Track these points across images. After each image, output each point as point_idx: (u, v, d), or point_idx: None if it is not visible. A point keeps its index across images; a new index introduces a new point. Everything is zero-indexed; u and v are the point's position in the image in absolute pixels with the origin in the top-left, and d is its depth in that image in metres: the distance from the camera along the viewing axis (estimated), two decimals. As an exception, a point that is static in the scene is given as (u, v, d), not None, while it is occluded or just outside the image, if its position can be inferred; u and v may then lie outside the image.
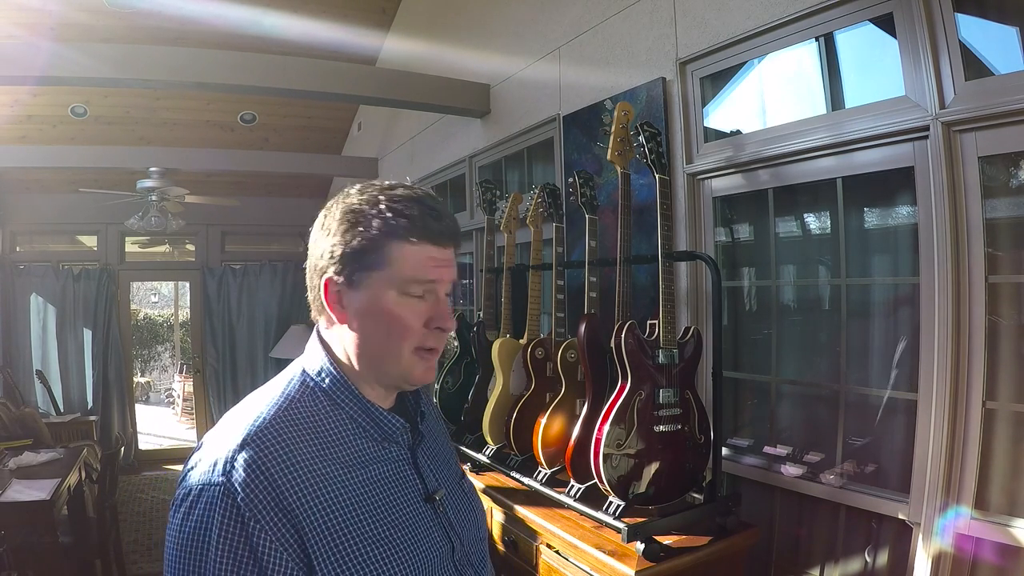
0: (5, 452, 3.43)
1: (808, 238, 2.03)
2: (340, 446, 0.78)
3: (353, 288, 0.79)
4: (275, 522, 0.69)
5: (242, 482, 0.69)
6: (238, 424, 0.75)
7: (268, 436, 0.73)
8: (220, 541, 0.68)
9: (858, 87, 1.75)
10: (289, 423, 0.76)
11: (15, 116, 4.61)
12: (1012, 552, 1.37)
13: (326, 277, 0.80)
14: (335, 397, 0.81)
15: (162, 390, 10.02)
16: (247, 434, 0.73)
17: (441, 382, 2.46)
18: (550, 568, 1.69)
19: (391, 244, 0.77)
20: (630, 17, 2.32)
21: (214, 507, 0.69)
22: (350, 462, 0.78)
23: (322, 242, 0.81)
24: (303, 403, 0.79)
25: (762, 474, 1.90)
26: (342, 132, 5.78)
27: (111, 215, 5.30)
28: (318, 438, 0.77)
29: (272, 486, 0.70)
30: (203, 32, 4.09)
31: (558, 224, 2.13)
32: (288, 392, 0.80)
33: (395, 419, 0.84)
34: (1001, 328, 1.44)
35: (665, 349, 1.62)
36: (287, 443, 0.74)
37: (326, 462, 0.75)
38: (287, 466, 0.72)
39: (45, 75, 2.62)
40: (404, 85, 3.31)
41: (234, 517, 0.68)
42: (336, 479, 0.75)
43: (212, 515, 0.69)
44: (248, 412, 0.77)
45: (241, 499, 0.69)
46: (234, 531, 0.68)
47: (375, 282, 0.78)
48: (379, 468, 0.81)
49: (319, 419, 0.78)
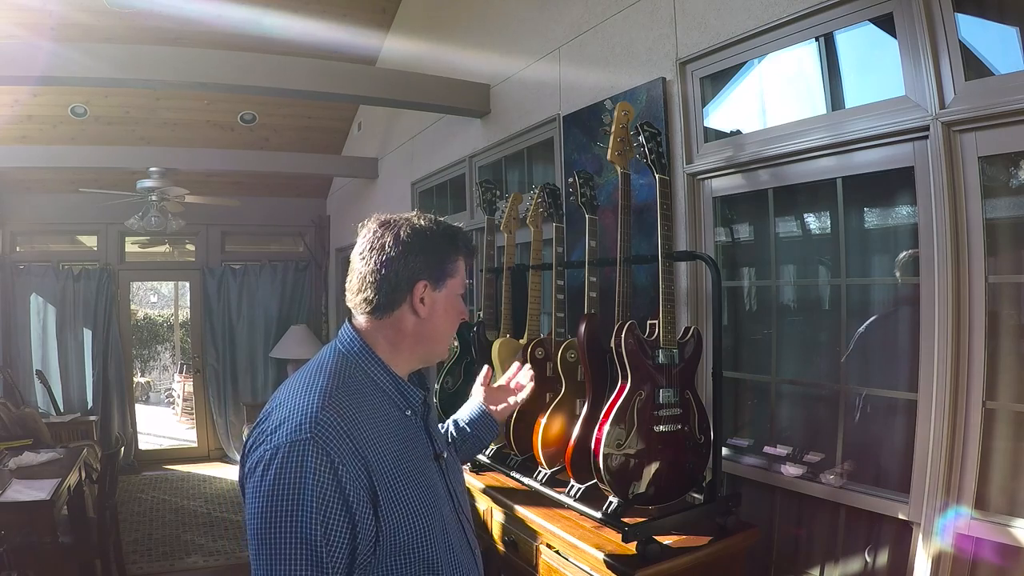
0: (5, 452, 3.43)
1: (808, 238, 2.03)
2: (380, 412, 0.99)
3: (436, 290, 1.06)
4: (355, 465, 0.89)
5: (329, 436, 0.88)
6: (306, 394, 0.93)
7: (338, 401, 0.93)
8: (315, 482, 0.84)
9: (858, 87, 1.75)
10: (348, 391, 0.96)
11: (15, 116, 4.61)
12: (1012, 552, 1.37)
13: (420, 281, 1.04)
14: (371, 373, 1.02)
15: (162, 390, 10.02)
16: (321, 398, 0.92)
17: (441, 382, 2.46)
18: (550, 568, 1.69)
19: (459, 258, 1.08)
20: (630, 17, 2.32)
21: (307, 456, 0.85)
22: (388, 424, 0.99)
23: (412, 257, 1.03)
24: (352, 377, 1.00)
25: (762, 474, 1.90)
26: (342, 132, 5.78)
27: (111, 215, 5.30)
28: (366, 403, 0.98)
29: (350, 438, 0.90)
30: (203, 32, 4.09)
31: (558, 224, 2.13)
32: (337, 368, 1.00)
33: (416, 390, 1.07)
34: (1001, 328, 1.44)
35: (665, 349, 1.62)
36: (352, 407, 0.94)
37: (376, 422, 0.97)
38: (356, 424, 0.92)
39: (45, 75, 2.62)
40: (404, 85, 3.31)
41: (326, 462, 0.86)
42: (384, 435, 0.96)
43: (306, 462, 0.85)
44: (309, 386, 0.95)
45: (330, 447, 0.87)
46: (326, 473, 0.85)
47: (451, 286, 1.08)
48: (404, 430, 1.02)
49: (363, 389, 1.00)
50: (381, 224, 1.05)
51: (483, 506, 2.04)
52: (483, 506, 2.04)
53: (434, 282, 1.05)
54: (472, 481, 2.09)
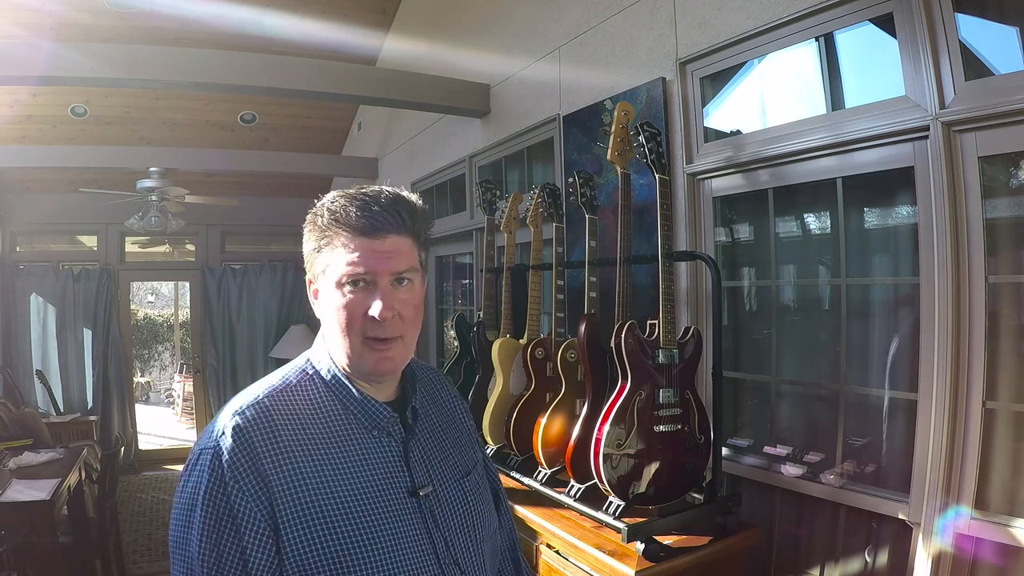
0: (5, 452, 3.43)
1: (808, 238, 2.03)
2: (327, 429, 0.84)
3: (318, 285, 0.87)
4: (251, 485, 0.76)
5: (228, 447, 0.77)
6: (236, 400, 0.84)
7: (255, 411, 0.81)
8: (206, 498, 0.76)
9: (858, 87, 1.75)
10: (279, 403, 0.83)
11: (15, 116, 4.61)
12: (1012, 552, 1.37)
13: (307, 277, 0.89)
14: (332, 386, 0.87)
15: (162, 390, 10.02)
16: (240, 407, 0.81)
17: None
18: (550, 568, 1.69)
19: (331, 244, 0.84)
20: (630, 17, 2.32)
21: (204, 469, 0.77)
22: (335, 444, 0.83)
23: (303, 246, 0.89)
24: (298, 388, 0.86)
25: (762, 474, 1.90)
26: (342, 132, 5.78)
27: (111, 215, 5.30)
28: (304, 418, 0.83)
29: (251, 453, 0.77)
30: (203, 32, 4.09)
31: (558, 224, 2.13)
32: (286, 377, 0.88)
33: (383, 408, 0.88)
34: (1001, 328, 1.44)
35: (665, 349, 1.62)
36: (271, 418, 0.81)
37: (308, 440, 0.81)
38: (267, 438, 0.79)
39: (45, 75, 2.62)
40: (404, 85, 3.31)
41: (218, 477, 0.76)
42: (315, 456, 0.81)
43: (203, 475, 0.77)
44: (248, 391, 0.86)
45: (226, 461, 0.76)
46: (217, 489, 0.76)
47: (328, 279, 0.84)
48: (367, 456, 0.85)
49: (311, 403, 0.85)
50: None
51: (483, 506, 2.04)
52: (483, 506, 2.04)
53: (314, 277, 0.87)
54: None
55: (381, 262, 0.83)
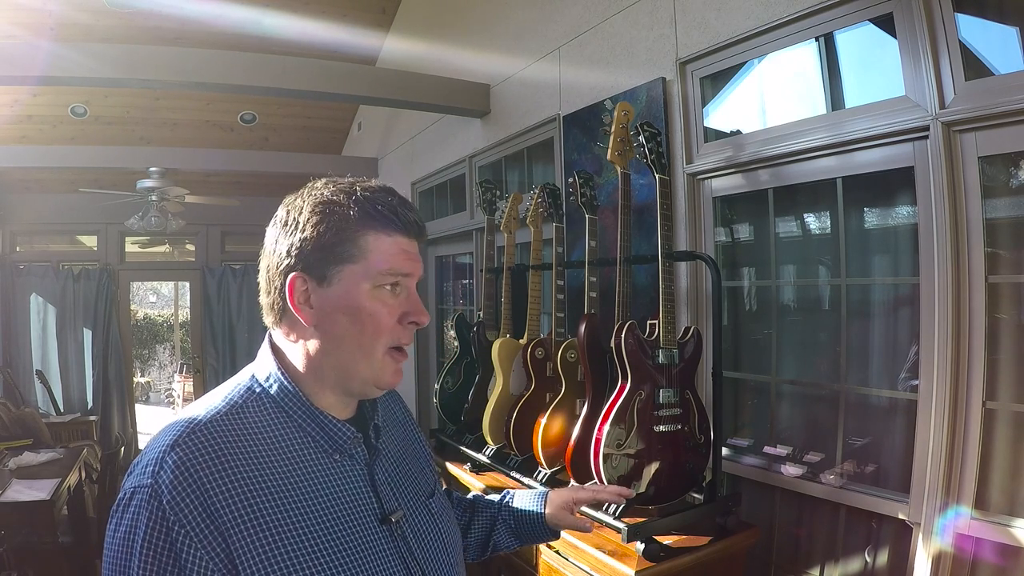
0: (5, 452, 3.43)
1: (808, 238, 2.03)
2: (283, 455, 0.73)
3: (324, 285, 0.74)
4: (200, 526, 0.65)
5: (168, 483, 0.66)
6: (173, 427, 0.71)
7: (199, 438, 0.69)
8: (144, 545, 0.65)
9: (858, 87, 1.75)
10: (225, 427, 0.72)
11: (15, 116, 4.61)
12: (1012, 552, 1.37)
13: (293, 275, 0.75)
14: (283, 405, 0.76)
15: (162, 390, 10.02)
16: (178, 435, 0.69)
17: (441, 382, 2.46)
18: (550, 568, 1.69)
19: (368, 235, 0.74)
20: (630, 17, 2.32)
21: (141, 510, 0.66)
22: (294, 473, 0.73)
23: (286, 238, 0.76)
24: (246, 409, 0.75)
25: (762, 474, 1.90)
26: (342, 132, 5.78)
27: (111, 215, 5.30)
28: (257, 445, 0.72)
29: (199, 489, 0.66)
30: (203, 32, 4.09)
31: (558, 224, 2.13)
32: (231, 397, 0.76)
33: (346, 428, 0.78)
34: (1001, 328, 1.44)
35: (665, 349, 1.62)
36: (219, 446, 0.70)
37: (264, 470, 0.71)
38: (217, 469, 0.68)
39: (45, 75, 2.62)
40: (404, 85, 3.31)
41: (159, 520, 0.65)
42: (273, 488, 0.70)
43: (139, 518, 0.66)
44: (185, 416, 0.73)
45: (167, 501, 0.65)
46: (158, 534, 0.65)
47: (348, 276, 0.74)
48: (329, 483, 0.75)
49: (262, 426, 0.74)
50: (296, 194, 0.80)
51: (483, 506, 2.04)
52: (483, 506, 2.04)
53: (315, 272, 0.74)
54: (472, 481, 2.09)
55: (416, 265, 0.77)
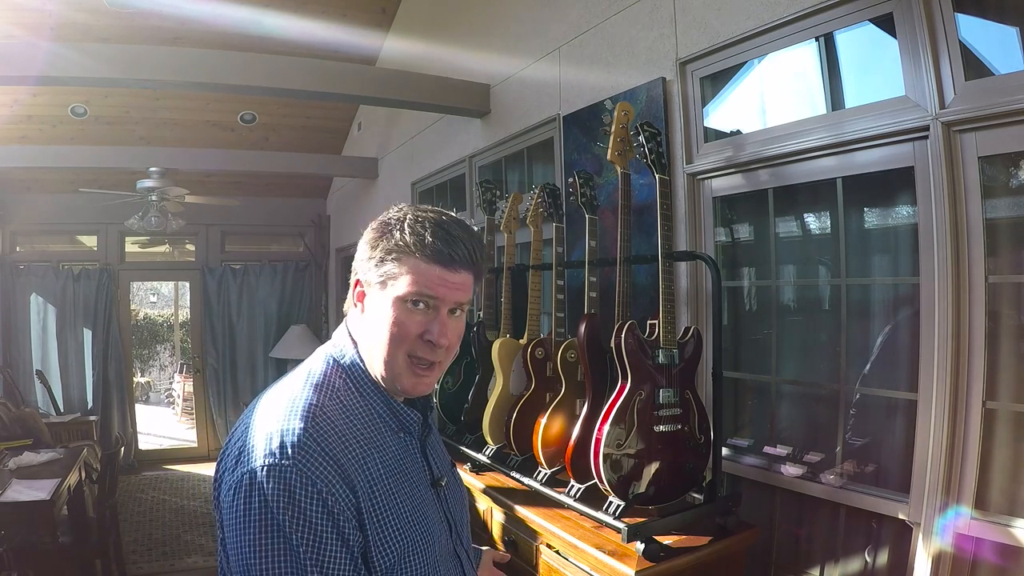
0: (5, 452, 3.43)
1: (808, 238, 2.03)
2: (370, 430, 0.88)
3: (374, 290, 0.89)
4: (341, 489, 0.79)
5: (310, 457, 0.78)
6: (286, 408, 0.84)
7: (321, 417, 0.83)
8: (303, 511, 0.76)
9: (858, 87, 1.75)
10: (333, 406, 0.86)
11: (15, 116, 4.61)
12: (1012, 552, 1.37)
13: (357, 277, 0.92)
14: (361, 388, 0.91)
15: (162, 390, 10.02)
16: (303, 415, 0.82)
17: (441, 382, 2.46)
18: (550, 568, 1.69)
19: (410, 259, 0.87)
20: (630, 17, 2.32)
21: (289, 482, 0.77)
22: (378, 446, 0.88)
23: (362, 248, 0.92)
24: (339, 390, 0.89)
25: (762, 474, 1.90)
26: (342, 132, 5.78)
27: (111, 215, 5.30)
28: (355, 421, 0.87)
29: (334, 459, 0.80)
30: (203, 32, 4.09)
31: (558, 224, 2.13)
32: (325, 379, 0.89)
33: (412, 412, 0.94)
34: (1001, 328, 1.44)
35: (665, 349, 1.62)
36: (337, 422, 0.84)
37: (365, 442, 0.86)
38: (341, 442, 0.82)
39: (45, 75, 2.62)
40: (404, 85, 3.31)
41: (311, 487, 0.77)
42: (373, 457, 0.86)
43: (289, 489, 0.76)
44: (292, 396, 0.86)
45: (316, 474, 0.78)
46: (314, 499, 0.77)
47: (390, 289, 0.88)
48: (396, 454, 0.91)
49: (352, 406, 0.88)
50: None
51: (483, 506, 2.04)
52: (483, 506, 2.04)
53: (370, 280, 0.89)
54: (472, 481, 2.09)
55: (450, 291, 0.88)
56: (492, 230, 2.50)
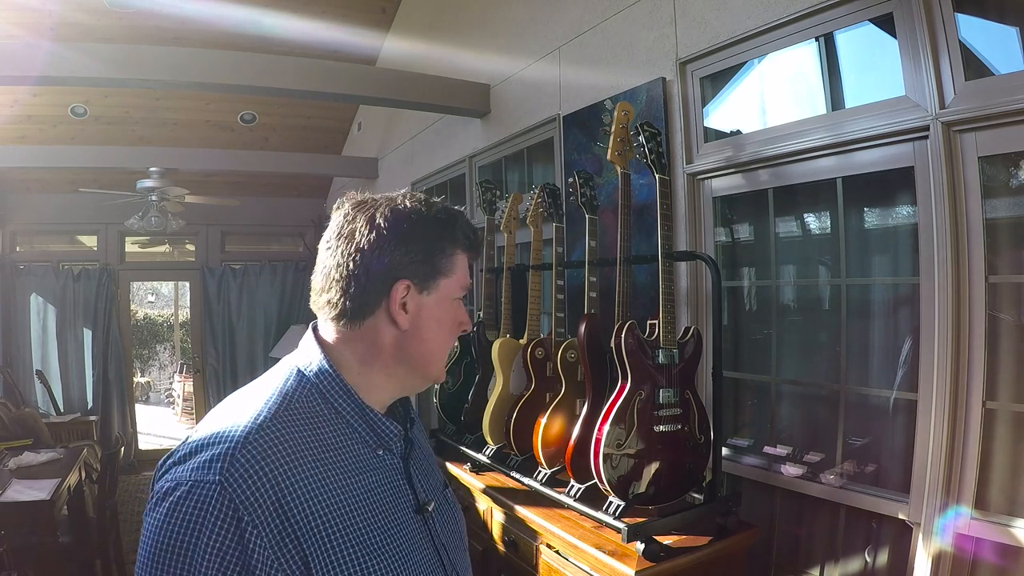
0: (5, 452, 3.43)
1: (808, 238, 2.03)
2: (337, 450, 0.76)
3: (423, 292, 0.81)
4: (274, 527, 0.66)
5: (242, 482, 0.66)
6: (234, 420, 0.71)
7: (270, 435, 0.70)
8: (210, 543, 0.64)
9: (858, 87, 1.75)
10: (289, 422, 0.73)
11: (15, 116, 4.61)
12: (1012, 552, 1.37)
13: (400, 280, 0.80)
14: (332, 400, 0.78)
15: (162, 390, 10.02)
16: (248, 431, 0.69)
17: (441, 382, 2.46)
18: (550, 568, 1.69)
19: (457, 253, 0.84)
20: (630, 17, 2.32)
21: (207, 506, 0.65)
22: (347, 467, 0.75)
23: (390, 249, 0.79)
24: (301, 403, 0.76)
25: (762, 474, 1.90)
26: (342, 132, 5.78)
27: (111, 215, 5.30)
28: (317, 440, 0.74)
29: (275, 488, 0.67)
30: (203, 32, 4.09)
31: (558, 224, 2.13)
32: (285, 390, 0.77)
33: (392, 424, 0.82)
34: (1001, 328, 1.44)
35: (665, 349, 1.62)
36: (289, 443, 0.71)
37: (326, 465, 0.73)
38: (290, 467, 0.69)
39: (45, 75, 2.62)
40: (404, 85, 3.31)
41: (230, 518, 0.64)
42: (335, 484, 0.73)
43: (204, 514, 0.64)
44: (243, 409, 0.73)
45: (240, 500, 0.65)
46: (228, 534, 0.64)
47: (443, 287, 0.83)
48: (374, 476, 0.78)
49: (317, 421, 0.76)
50: (355, 205, 0.82)
51: (483, 506, 2.04)
52: (483, 506, 2.04)
53: (419, 281, 0.80)
54: (472, 481, 2.09)
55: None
56: (492, 230, 2.50)
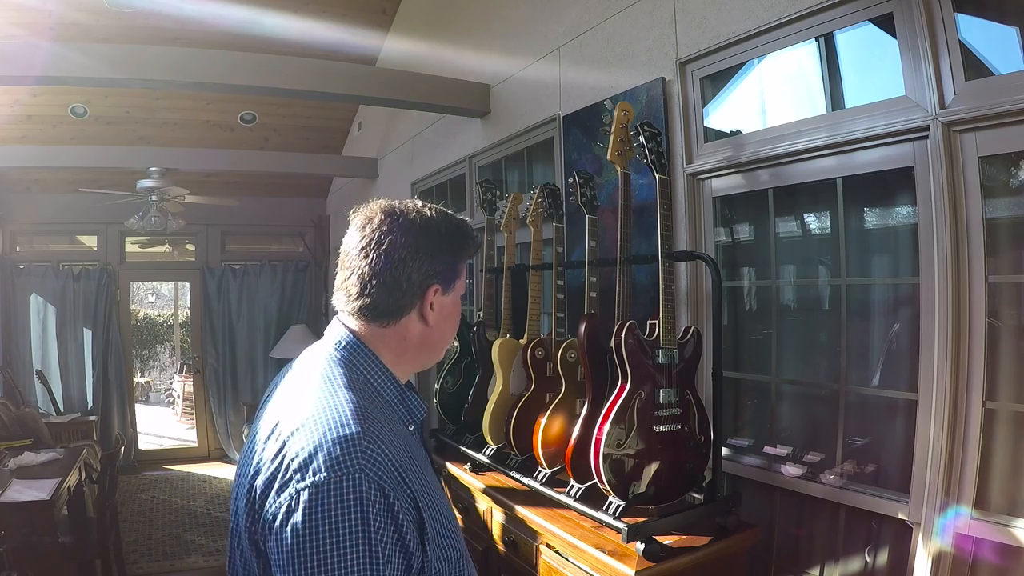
0: (5, 452, 3.43)
1: (808, 238, 2.03)
2: (392, 424, 0.89)
3: (445, 293, 0.96)
4: (402, 490, 0.79)
5: (376, 464, 0.77)
6: (327, 420, 0.80)
7: (367, 422, 0.81)
8: (378, 517, 0.74)
9: (858, 87, 1.75)
10: (369, 408, 0.85)
11: (15, 116, 4.61)
12: (1012, 552, 1.37)
13: (433, 286, 0.93)
14: (376, 385, 0.91)
15: (162, 390, 10.02)
16: (353, 424, 0.79)
17: (441, 382, 2.46)
18: (550, 568, 1.69)
19: (465, 260, 1.00)
20: (630, 17, 2.32)
21: (361, 489, 0.74)
22: (403, 438, 0.88)
23: (427, 260, 0.92)
24: (362, 391, 0.88)
25: (762, 474, 1.90)
26: (342, 132, 5.78)
27: (111, 215, 5.30)
28: (384, 418, 0.87)
29: (392, 463, 0.79)
30: (203, 32, 4.09)
31: (558, 224, 2.13)
32: (351, 381, 0.88)
33: (422, 403, 0.98)
34: (1001, 328, 1.44)
35: (665, 349, 1.62)
36: (379, 425, 0.83)
37: (396, 437, 0.86)
38: (389, 443, 0.81)
39: (45, 75, 2.61)
40: (404, 85, 3.30)
41: (379, 493, 0.75)
42: (407, 452, 0.85)
43: (362, 496, 0.74)
44: (335, 403, 0.83)
45: (382, 477, 0.76)
46: (383, 506, 0.75)
47: (457, 288, 0.99)
48: (413, 443, 0.94)
49: (375, 403, 0.89)
50: (387, 214, 0.93)
51: (483, 506, 2.04)
52: (483, 506, 2.04)
53: (445, 286, 0.95)
54: (472, 481, 2.09)
55: None
56: (492, 230, 2.50)
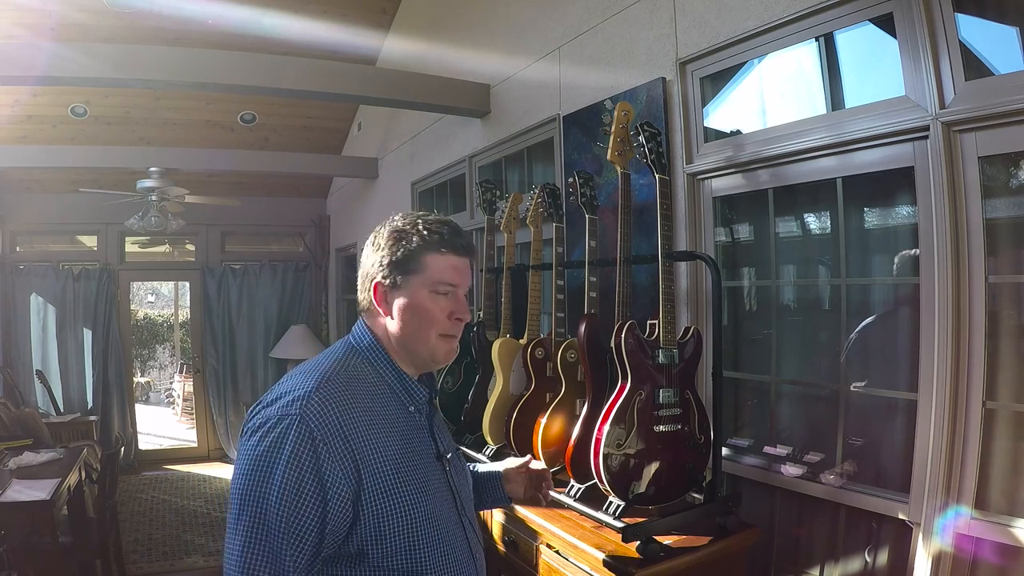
0: (5, 452, 3.43)
1: (808, 238, 2.03)
2: (381, 401, 1.00)
3: (395, 289, 1.02)
4: (339, 448, 0.89)
5: (315, 413, 0.89)
6: (307, 375, 0.96)
7: (333, 384, 0.95)
8: (291, 456, 0.86)
9: (858, 87, 1.75)
10: (346, 378, 0.98)
11: (15, 116, 4.60)
12: (1012, 552, 1.37)
13: (375, 281, 1.03)
14: (376, 366, 1.03)
15: (162, 390, 10.02)
16: (318, 380, 0.94)
17: (441, 382, 2.46)
18: (550, 568, 1.69)
19: (426, 254, 1.02)
20: (630, 17, 2.32)
21: (289, 429, 0.87)
22: (387, 415, 0.99)
23: (372, 255, 1.05)
24: (353, 367, 1.01)
25: (762, 474, 1.90)
26: (342, 132, 5.78)
27: (111, 215, 5.30)
28: (365, 392, 0.98)
29: (338, 420, 0.91)
30: (203, 32, 4.09)
31: (558, 224, 2.13)
32: (344, 356, 1.02)
33: (420, 386, 1.06)
34: (1001, 328, 1.44)
35: (665, 349, 1.62)
36: (346, 392, 0.95)
37: (372, 410, 0.97)
38: (347, 407, 0.93)
39: (45, 75, 2.62)
40: (404, 85, 3.31)
41: (306, 437, 0.87)
42: (379, 423, 0.96)
43: (286, 436, 0.87)
44: (311, 371, 0.98)
45: (314, 425, 0.88)
46: (305, 448, 0.87)
47: (413, 284, 1.02)
48: (406, 426, 1.02)
49: (366, 380, 1.00)
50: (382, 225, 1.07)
51: (483, 506, 2.04)
52: (483, 506, 2.04)
53: (388, 281, 1.02)
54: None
55: (465, 277, 1.06)
56: (492, 230, 2.50)
